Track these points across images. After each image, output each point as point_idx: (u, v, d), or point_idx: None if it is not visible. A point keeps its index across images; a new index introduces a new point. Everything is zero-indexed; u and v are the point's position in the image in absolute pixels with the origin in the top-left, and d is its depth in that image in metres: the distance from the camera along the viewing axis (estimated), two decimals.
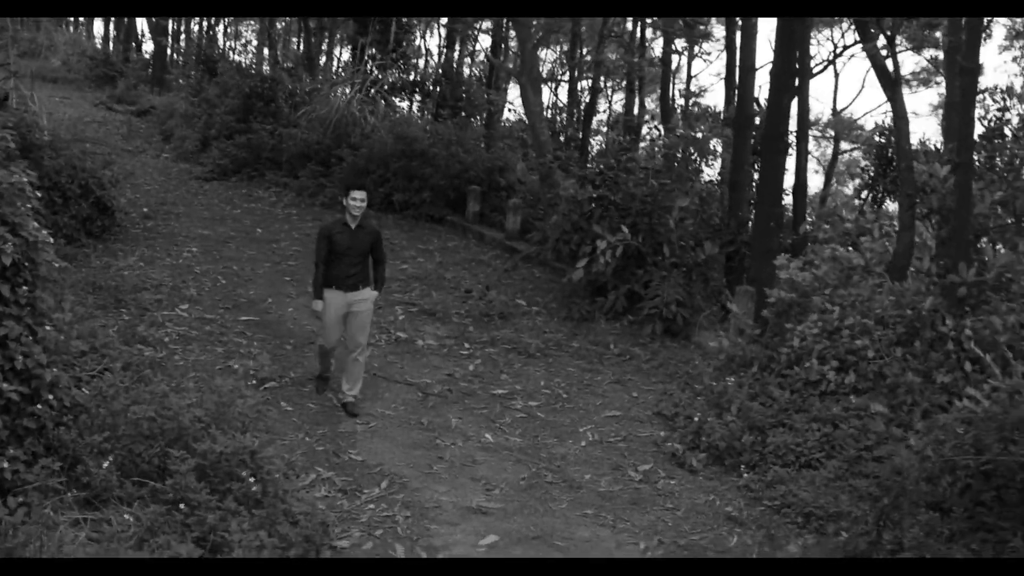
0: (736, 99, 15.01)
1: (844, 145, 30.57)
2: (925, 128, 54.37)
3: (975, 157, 10.65)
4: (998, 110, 11.62)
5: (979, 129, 11.81)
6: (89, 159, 13.97)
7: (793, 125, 16.19)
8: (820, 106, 55.57)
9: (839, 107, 30.27)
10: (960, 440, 6.52)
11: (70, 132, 14.53)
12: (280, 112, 20.55)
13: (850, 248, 9.76)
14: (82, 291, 11.48)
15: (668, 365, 10.85)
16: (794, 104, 15.45)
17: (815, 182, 30.95)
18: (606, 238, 11.66)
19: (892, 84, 10.77)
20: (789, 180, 15.63)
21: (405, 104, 23.68)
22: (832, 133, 29.72)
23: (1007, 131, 10.72)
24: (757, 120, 15.54)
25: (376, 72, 20.34)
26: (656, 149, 13.05)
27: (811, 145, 31.46)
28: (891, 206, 16.91)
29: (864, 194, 15.29)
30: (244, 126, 20.52)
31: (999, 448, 6.34)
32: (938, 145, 16.57)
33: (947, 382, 8.47)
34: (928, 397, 8.40)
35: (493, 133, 19.41)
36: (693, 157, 14.97)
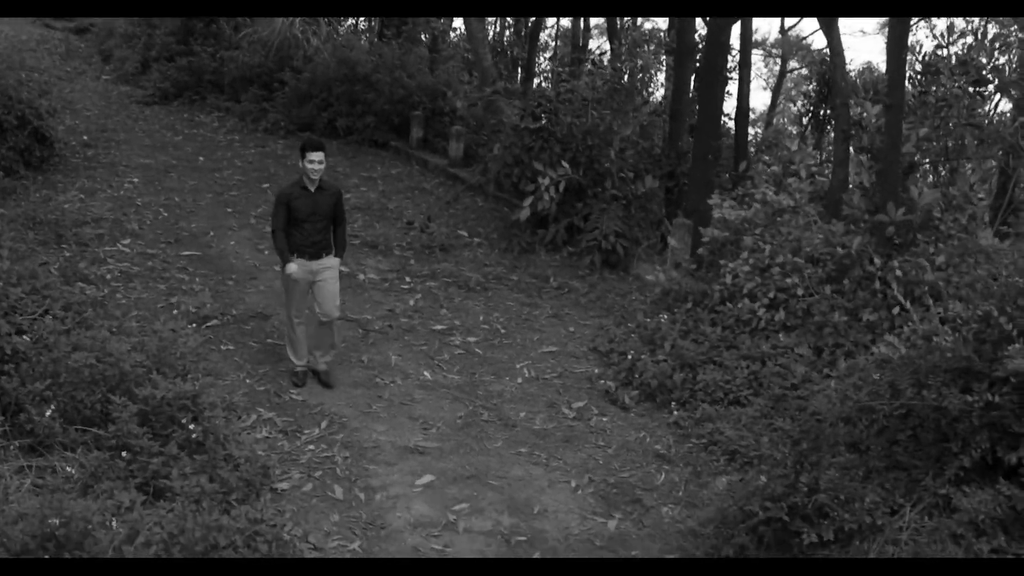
0: (677, 26, 15.03)
1: (793, 63, 30.63)
2: (872, 47, 54.44)
3: (909, 91, 10.87)
4: (936, 47, 11.77)
5: (917, 66, 11.96)
6: (26, 89, 13.74)
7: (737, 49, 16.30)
8: (768, 25, 55.51)
9: (787, 25, 30.24)
10: (876, 385, 6.81)
11: (5, 61, 14.23)
12: (222, 33, 20.21)
13: (776, 192, 9.96)
14: (22, 227, 11.44)
15: (606, 298, 11.07)
16: (737, 28, 15.54)
17: (763, 99, 31.10)
18: (548, 174, 11.76)
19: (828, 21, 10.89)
20: (732, 105, 15.80)
21: (349, 22, 23.33)
22: (779, 52, 29.74)
23: (942, 68, 10.87)
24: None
25: None
26: (600, 83, 13.03)
27: (759, 64, 31.54)
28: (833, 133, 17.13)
29: (806, 120, 15.46)
30: (185, 48, 20.19)
31: (913, 392, 6.64)
32: (882, 68, 16.74)
33: (873, 320, 8.75)
34: (853, 336, 8.70)
35: (437, 57, 19.25)
36: (637, 85, 15.02)
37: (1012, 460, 6.16)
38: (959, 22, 12.55)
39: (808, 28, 34.91)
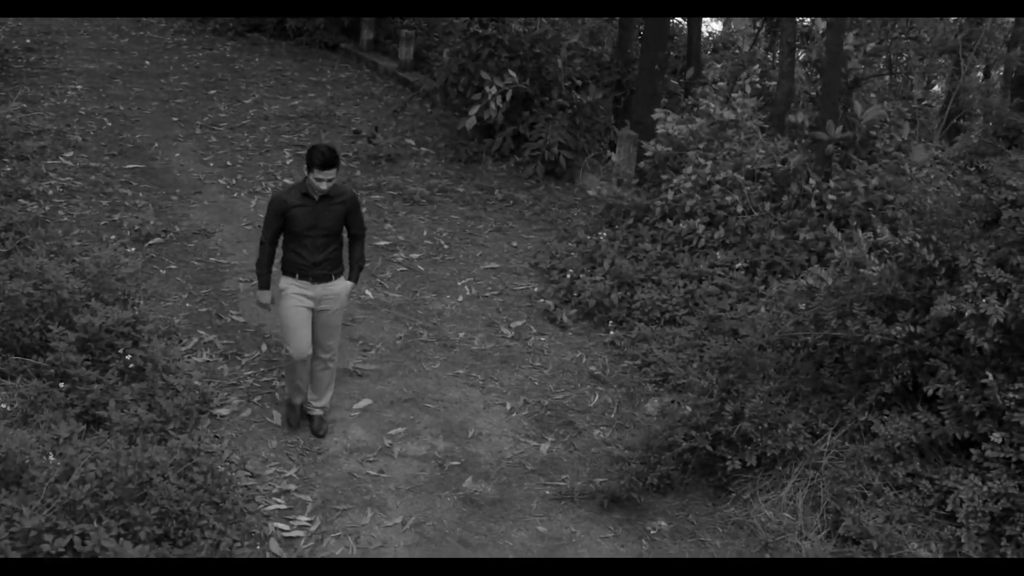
0: None
1: None
2: None
3: None
4: None
5: None
6: None
7: None
8: None
9: None
10: (802, 315, 6.97)
11: None
12: None
13: (721, 107, 9.95)
14: None
15: (550, 211, 11.12)
16: None
17: None
18: (495, 83, 11.68)
19: None
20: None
21: None
22: None
23: None
24: None
25: None
26: None
27: None
28: None
29: (759, 22, 15.35)
30: None
31: (837, 324, 6.80)
32: None
33: (809, 239, 8.87)
34: (789, 255, 8.83)
35: None
36: None
37: (931, 391, 6.36)
38: None
39: None
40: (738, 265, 8.91)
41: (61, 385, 6.95)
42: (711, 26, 18.52)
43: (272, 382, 7.75)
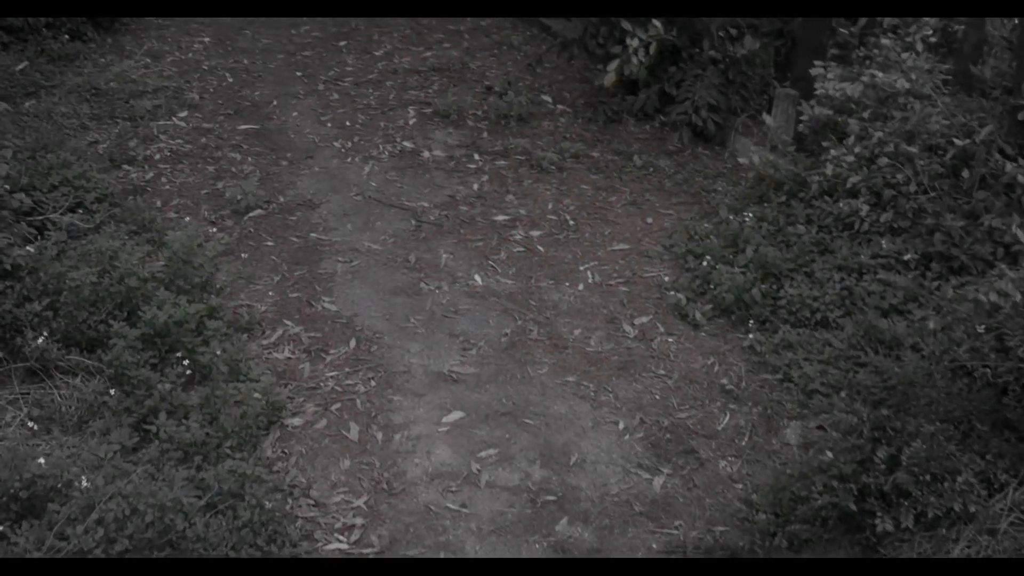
0: None
1: None
2: None
3: None
4: None
5: None
6: None
7: None
8: None
9: None
10: (980, 340, 5.61)
11: None
12: None
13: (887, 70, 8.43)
14: (78, 99, 10.80)
15: (693, 182, 9.79)
16: None
17: None
18: (637, 35, 10.36)
19: None
20: None
21: None
22: None
23: None
24: None
25: None
26: None
27: None
28: None
29: None
30: None
31: None
32: None
33: (995, 228, 7.37)
34: (969, 246, 7.36)
35: None
36: None
37: None
38: None
39: None
40: (907, 256, 7.50)
41: (112, 392, 6.25)
42: None
43: (356, 386, 6.87)
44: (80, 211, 8.28)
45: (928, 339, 6.08)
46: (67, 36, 12.30)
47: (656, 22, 10.44)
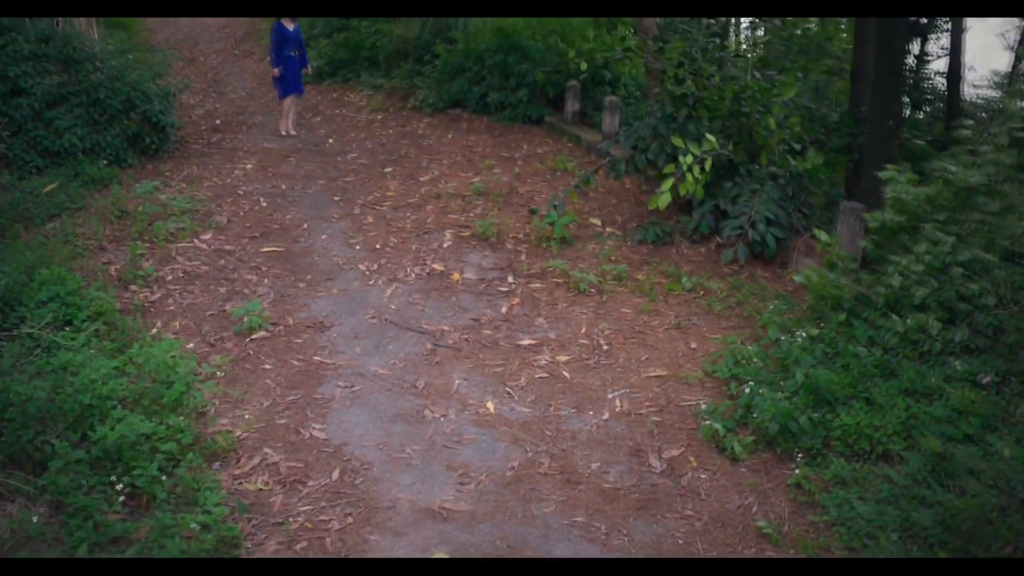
0: None
1: None
2: None
3: None
4: None
5: None
6: (135, 71, 12.71)
7: None
8: None
9: None
10: None
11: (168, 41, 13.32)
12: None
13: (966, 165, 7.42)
14: (100, 220, 10.35)
15: (747, 304, 8.78)
16: None
17: (1002, 60, 27.19)
18: (690, 151, 9.49)
19: None
20: (942, 65, 12.98)
21: None
22: None
23: None
24: None
25: None
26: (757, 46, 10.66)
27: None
28: None
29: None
30: (345, 22, 19.01)
31: None
32: None
33: None
34: None
35: (603, 21, 17.09)
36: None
37: None
38: None
39: None
40: (985, 379, 6.34)
41: (34, 519, 5.42)
42: (984, 88, 15.57)
43: (330, 522, 5.90)
44: (68, 328, 7.66)
45: (1003, 468, 4.91)
46: (104, 161, 12.04)
47: (710, 136, 9.61)
